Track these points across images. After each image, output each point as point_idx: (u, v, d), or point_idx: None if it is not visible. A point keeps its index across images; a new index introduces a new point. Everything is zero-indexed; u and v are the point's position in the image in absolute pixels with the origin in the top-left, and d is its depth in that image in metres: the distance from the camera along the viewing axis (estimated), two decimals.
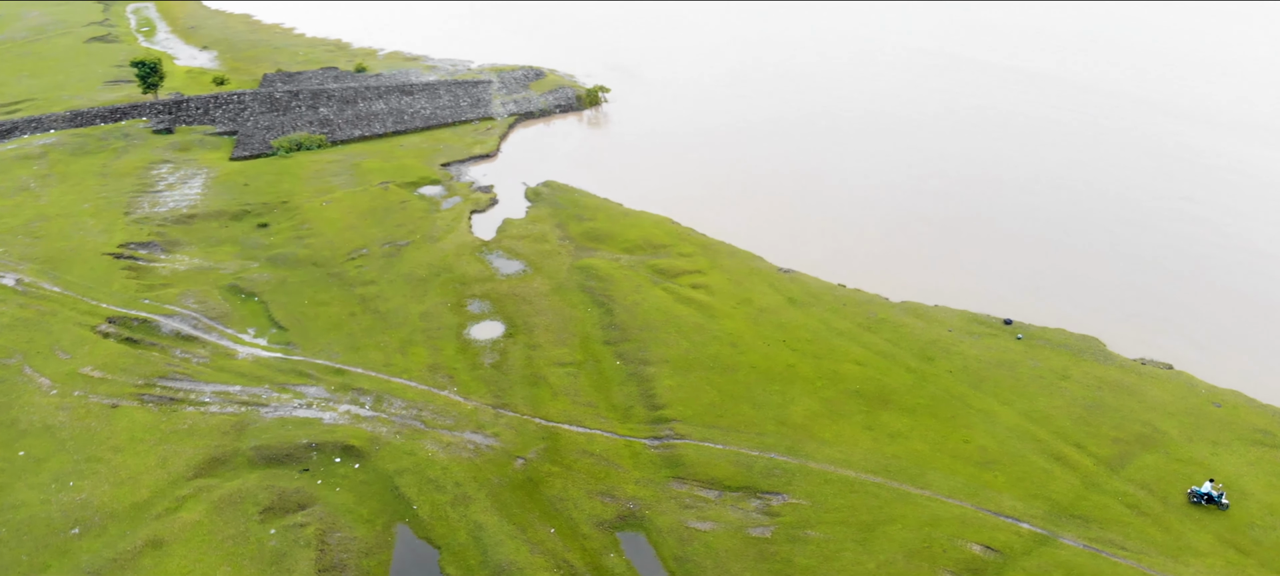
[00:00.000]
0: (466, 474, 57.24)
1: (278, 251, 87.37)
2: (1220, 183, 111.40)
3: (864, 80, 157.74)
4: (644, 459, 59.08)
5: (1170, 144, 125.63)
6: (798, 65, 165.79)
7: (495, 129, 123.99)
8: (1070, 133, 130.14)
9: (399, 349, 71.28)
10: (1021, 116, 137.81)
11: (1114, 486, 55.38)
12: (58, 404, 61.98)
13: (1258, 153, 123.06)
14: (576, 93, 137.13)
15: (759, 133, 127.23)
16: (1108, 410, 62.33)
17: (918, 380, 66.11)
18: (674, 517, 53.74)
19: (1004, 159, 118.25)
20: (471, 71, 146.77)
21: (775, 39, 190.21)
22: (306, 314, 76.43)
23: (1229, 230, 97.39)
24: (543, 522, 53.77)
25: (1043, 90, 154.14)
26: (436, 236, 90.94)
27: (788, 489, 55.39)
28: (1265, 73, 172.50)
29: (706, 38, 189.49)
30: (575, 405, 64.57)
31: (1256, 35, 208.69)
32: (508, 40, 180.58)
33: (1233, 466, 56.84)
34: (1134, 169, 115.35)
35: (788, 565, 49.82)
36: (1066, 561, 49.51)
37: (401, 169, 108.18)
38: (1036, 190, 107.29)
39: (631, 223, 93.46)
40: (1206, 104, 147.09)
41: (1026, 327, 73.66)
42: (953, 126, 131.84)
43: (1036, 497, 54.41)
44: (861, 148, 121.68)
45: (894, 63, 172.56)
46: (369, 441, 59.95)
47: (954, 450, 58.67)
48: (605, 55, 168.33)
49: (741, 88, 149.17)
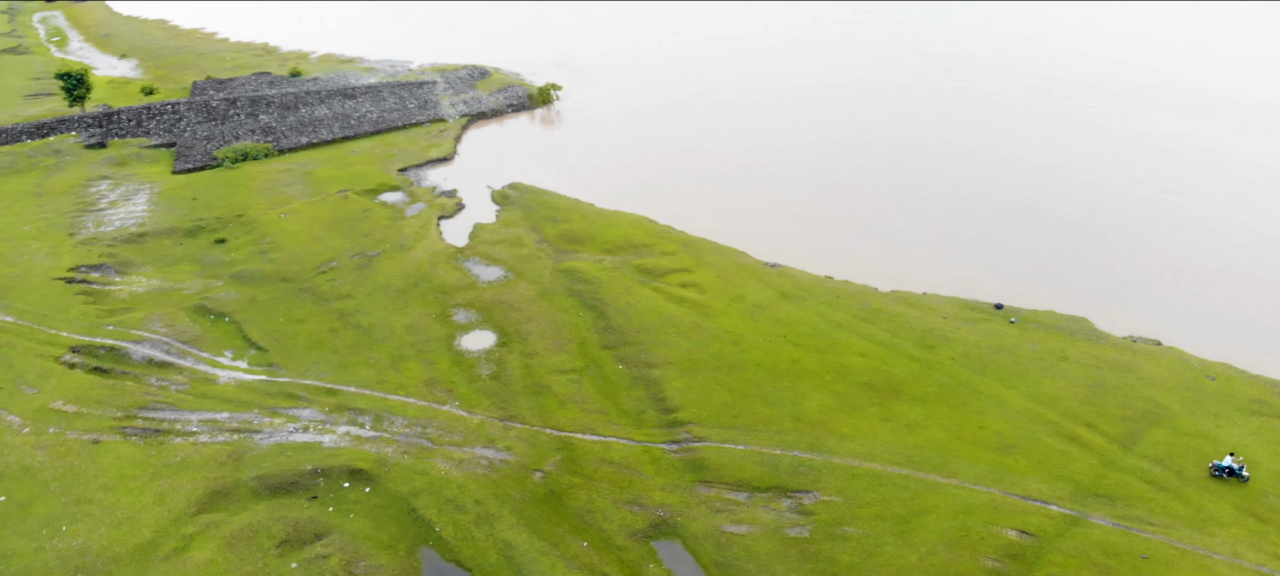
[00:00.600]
0: (485, 491, 55.23)
1: (241, 268, 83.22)
2: (1174, 163, 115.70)
3: (814, 71, 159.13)
4: (665, 464, 57.98)
5: (1118, 126, 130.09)
6: (743, 59, 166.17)
7: (449, 131, 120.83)
8: (1026, 116, 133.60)
9: (390, 364, 68.54)
10: (974, 100, 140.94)
11: (1130, 463, 56.58)
12: (33, 442, 57.61)
13: (1200, 131, 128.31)
14: (527, 91, 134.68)
15: (716, 126, 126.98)
16: (1110, 389, 63.74)
17: (923, 369, 66.55)
18: (707, 522, 52.80)
19: (966, 144, 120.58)
20: (413, 72, 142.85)
21: (718, 35, 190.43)
22: (284, 333, 72.91)
23: (1186, 208, 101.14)
24: (574, 537, 52.19)
25: (997, 78, 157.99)
26: (407, 245, 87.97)
27: (817, 486, 55.00)
28: (1199, 55, 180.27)
29: (648, 34, 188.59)
30: (585, 413, 63.04)
31: (1209, 23, 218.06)
32: (443, 39, 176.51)
33: (1237, 437, 58.70)
34: (1095, 154, 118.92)
35: (831, 564, 49.39)
36: (1100, 541, 50.29)
37: (357, 176, 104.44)
38: (999, 176, 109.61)
39: (608, 223, 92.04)
40: (1152, 87, 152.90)
41: (1017, 311, 74.98)
42: (914, 114, 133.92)
43: (1059, 479, 55.20)
44: (820, 137, 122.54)
45: (837, 51, 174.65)
46: (376, 463, 57.35)
47: (971, 437, 59.16)
48: (548, 53, 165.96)
49: (691, 82, 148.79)
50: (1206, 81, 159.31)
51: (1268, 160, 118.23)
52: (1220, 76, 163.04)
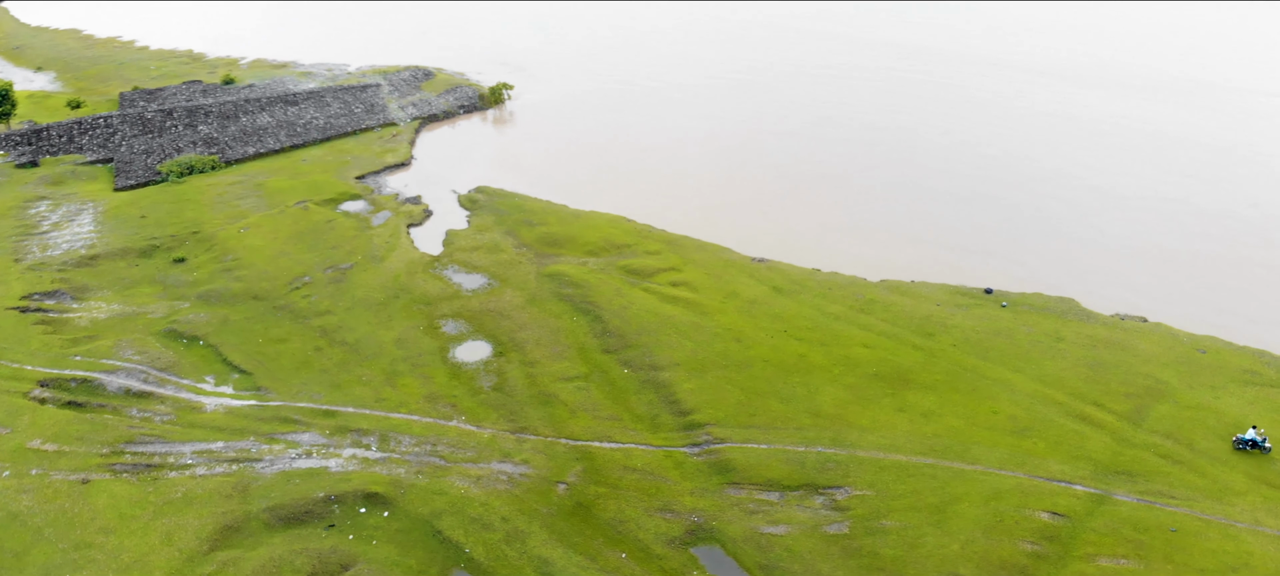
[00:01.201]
0: (510, 507, 53.51)
1: (206, 288, 79.16)
2: (1117, 144, 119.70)
3: (763, 61, 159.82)
4: (690, 468, 57.12)
5: (1058, 109, 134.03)
6: (691, 51, 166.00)
7: (401, 135, 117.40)
8: (970, 104, 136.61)
9: (385, 381, 66.02)
10: (924, 89, 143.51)
11: (1142, 439, 58.04)
12: (16, 487, 53.51)
13: (1139, 112, 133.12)
14: (478, 91, 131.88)
15: (674, 117, 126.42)
16: (1110, 367, 65.34)
17: (927, 357, 67.15)
18: (744, 525, 52.15)
19: (918, 130, 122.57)
20: (354, 75, 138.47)
21: (658, 27, 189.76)
22: (266, 354, 69.56)
23: (1137, 188, 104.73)
24: (611, 548, 50.95)
25: (944, 67, 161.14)
26: (379, 255, 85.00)
27: (847, 481, 54.88)
28: (1148, 42, 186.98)
29: (588, 30, 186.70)
30: (598, 420, 61.73)
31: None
32: (376, 41, 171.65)
33: (1236, 407, 60.78)
34: (1041, 139, 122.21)
35: (875, 558, 49.29)
36: (1128, 517, 51.38)
37: (314, 186, 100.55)
38: (954, 163, 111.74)
39: (586, 224, 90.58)
40: (1092, 72, 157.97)
41: (1006, 295, 76.37)
42: (868, 103, 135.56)
43: (1078, 459, 56.24)
44: (779, 127, 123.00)
45: (783, 42, 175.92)
46: (391, 486, 55.04)
47: (987, 422, 59.87)
48: (489, 51, 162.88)
49: (642, 75, 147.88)
50: (1151, 65, 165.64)
51: (1211, 139, 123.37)
52: (1170, 61, 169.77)
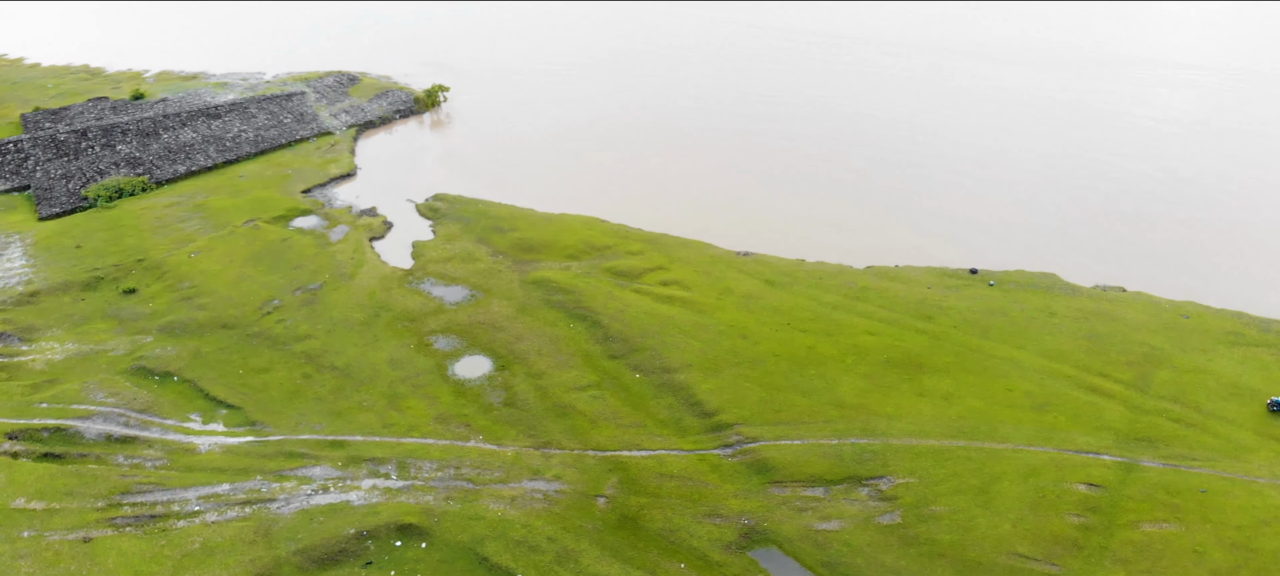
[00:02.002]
0: (553, 526, 51.68)
1: (168, 320, 73.89)
2: (1049, 117, 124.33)
3: (697, 51, 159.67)
4: (727, 470, 56.37)
5: (985, 84, 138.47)
6: (615, 46, 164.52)
7: (340, 144, 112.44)
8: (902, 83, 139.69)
9: (388, 405, 62.91)
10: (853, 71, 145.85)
11: (1152, 405, 60.26)
12: (10, 552, 48.58)
13: (1068, 86, 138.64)
14: (412, 95, 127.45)
15: (619, 115, 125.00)
16: (1106, 338, 67.65)
17: (932, 341, 68.13)
18: (796, 524, 51.74)
19: (868, 110, 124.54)
20: (274, 84, 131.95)
21: (577, 26, 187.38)
22: (251, 386, 65.36)
23: (1076, 156, 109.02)
24: (667, 560, 49.76)
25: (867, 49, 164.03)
26: (348, 273, 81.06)
27: (887, 470, 55.10)
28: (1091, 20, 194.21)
29: (509, 28, 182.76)
30: (621, 429, 60.30)
31: None
32: (289, 46, 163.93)
33: (1229, 368, 63.78)
34: (991, 116, 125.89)
35: (933, 545, 49.62)
36: (1158, 482, 53.24)
37: (259, 203, 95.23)
38: (901, 142, 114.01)
39: (560, 227, 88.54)
40: (1024, 50, 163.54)
41: (990, 274, 78.21)
42: (809, 88, 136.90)
43: (1099, 430, 57.97)
44: (729, 116, 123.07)
45: (705, 33, 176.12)
46: (423, 515, 52.41)
47: (1005, 400, 61.11)
48: (410, 53, 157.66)
49: (577, 72, 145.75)
50: (1068, 42, 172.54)
51: (1154, 111, 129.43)
52: (1103, 37, 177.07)
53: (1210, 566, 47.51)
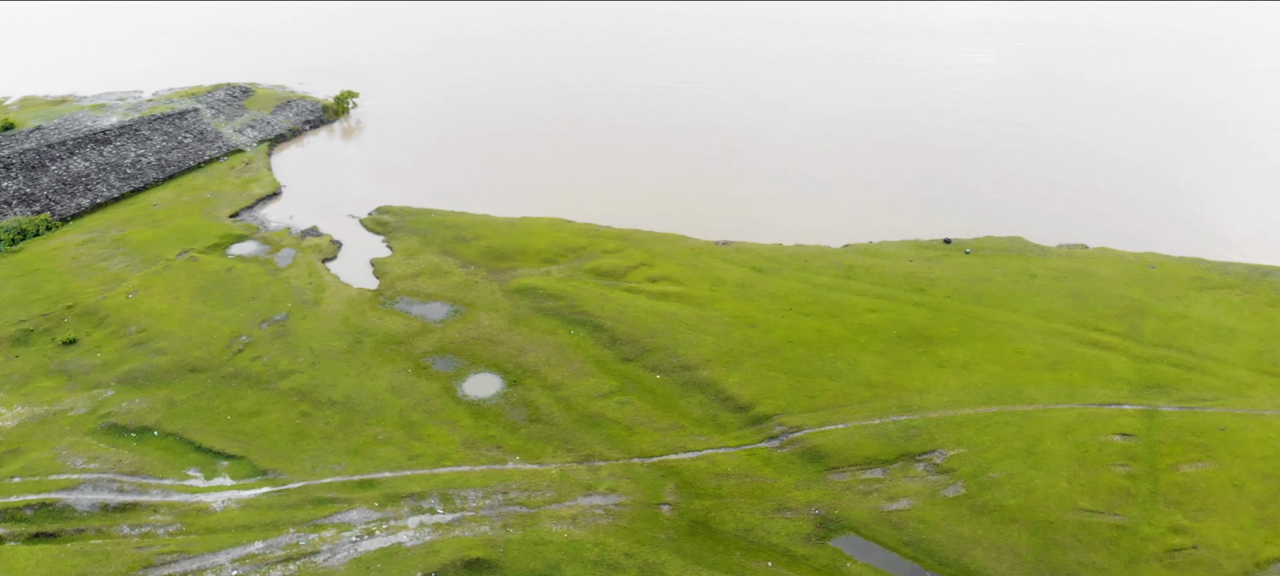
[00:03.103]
0: (626, 540, 50.14)
1: (124, 369, 67.12)
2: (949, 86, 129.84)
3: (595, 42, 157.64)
4: (780, 463, 56.13)
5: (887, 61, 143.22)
6: (513, 41, 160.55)
7: (254, 162, 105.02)
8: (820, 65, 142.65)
9: (407, 435, 59.35)
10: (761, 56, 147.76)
11: (1151, 354, 64.00)
12: None
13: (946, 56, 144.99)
14: (320, 104, 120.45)
15: (545, 111, 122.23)
16: (1088, 294, 71.31)
17: (932, 312, 69.98)
18: (866, 508, 52.11)
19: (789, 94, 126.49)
20: (158, 101, 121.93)
21: (467, 22, 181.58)
22: (246, 431, 60.24)
23: (986, 123, 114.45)
24: (752, 560, 49.12)
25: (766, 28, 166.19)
26: (311, 299, 75.93)
27: (935, 443, 56.25)
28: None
29: (399, 28, 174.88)
30: (660, 432, 59.08)
31: None
32: (162, 59, 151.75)
33: (1206, 311, 68.47)
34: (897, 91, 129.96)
35: (1003, 511, 51.02)
36: (1181, 424, 56.65)
37: (185, 233, 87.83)
38: (837, 121, 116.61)
39: (526, 231, 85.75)
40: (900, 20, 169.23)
41: (964, 242, 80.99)
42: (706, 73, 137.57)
43: (1113, 382, 61.10)
44: (655, 103, 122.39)
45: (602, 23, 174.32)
46: (487, 547, 49.76)
47: (1019, 363, 63.48)
48: (293, 58, 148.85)
49: (478, 68, 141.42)
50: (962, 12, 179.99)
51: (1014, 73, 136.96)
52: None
53: (1252, 498, 50.87)
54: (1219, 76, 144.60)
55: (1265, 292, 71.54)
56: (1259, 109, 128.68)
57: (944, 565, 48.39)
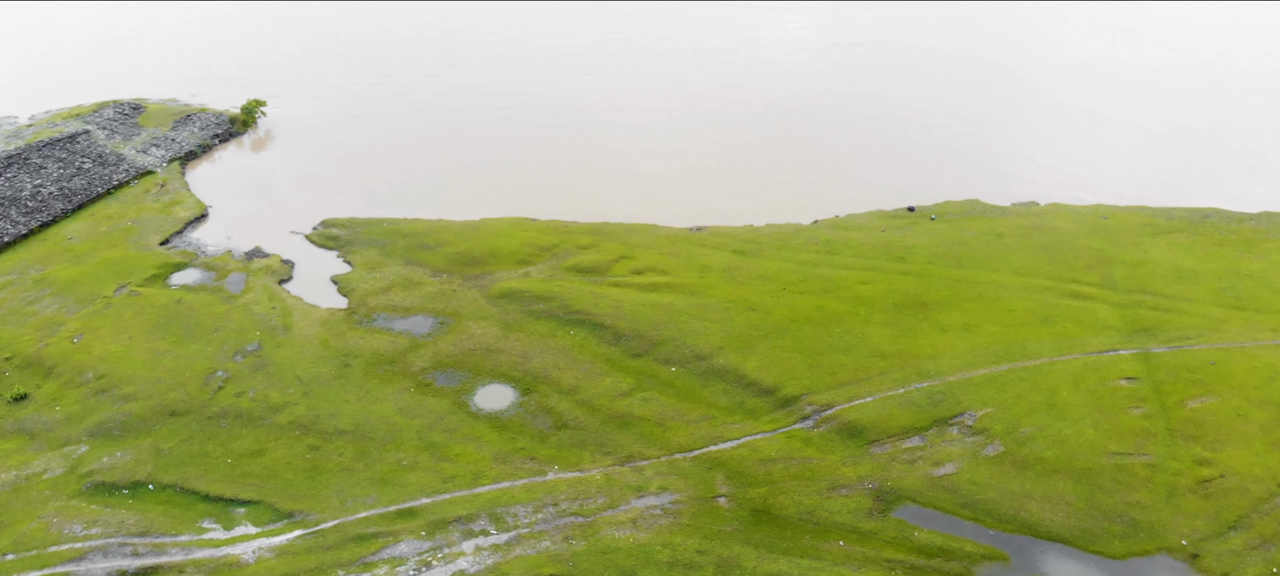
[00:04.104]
0: (694, 538, 49.79)
1: (92, 421, 61.31)
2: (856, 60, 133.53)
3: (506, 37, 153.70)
4: (820, 442, 56.79)
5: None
6: (399, 44, 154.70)
7: (170, 184, 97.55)
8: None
9: (434, 457, 56.84)
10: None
11: (1128, 300, 68.09)
12: None
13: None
14: (226, 116, 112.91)
15: (471, 108, 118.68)
16: (1057, 249, 75.12)
17: (920, 279, 72.14)
18: (917, 476, 53.43)
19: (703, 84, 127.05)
20: (41, 126, 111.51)
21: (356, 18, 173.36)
22: (253, 473, 56.25)
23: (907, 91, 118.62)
24: (822, 542, 49.63)
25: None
26: (280, 325, 71.41)
27: (963, 405, 58.16)
28: None
29: (282, 28, 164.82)
30: (693, 425, 58.73)
31: None
32: (24, 79, 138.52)
33: (1164, 254, 73.34)
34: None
35: (1043, 463, 53.34)
36: (1174, 363, 60.71)
37: (115, 266, 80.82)
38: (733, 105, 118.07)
39: (491, 233, 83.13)
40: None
41: (927, 208, 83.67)
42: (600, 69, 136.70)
43: (1104, 330, 64.72)
44: (566, 94, 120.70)
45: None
46: (556, 563, 48.40)
47: (1015, 321, 66.31)
48: (175, 66, 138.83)
49: (384, 72, 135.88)
50: None
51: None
52: None
53: (1258, 425, 55.02)
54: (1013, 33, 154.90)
55: (1209, 233, 77.26)
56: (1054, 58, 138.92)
57: (1004, 522, 50.18)
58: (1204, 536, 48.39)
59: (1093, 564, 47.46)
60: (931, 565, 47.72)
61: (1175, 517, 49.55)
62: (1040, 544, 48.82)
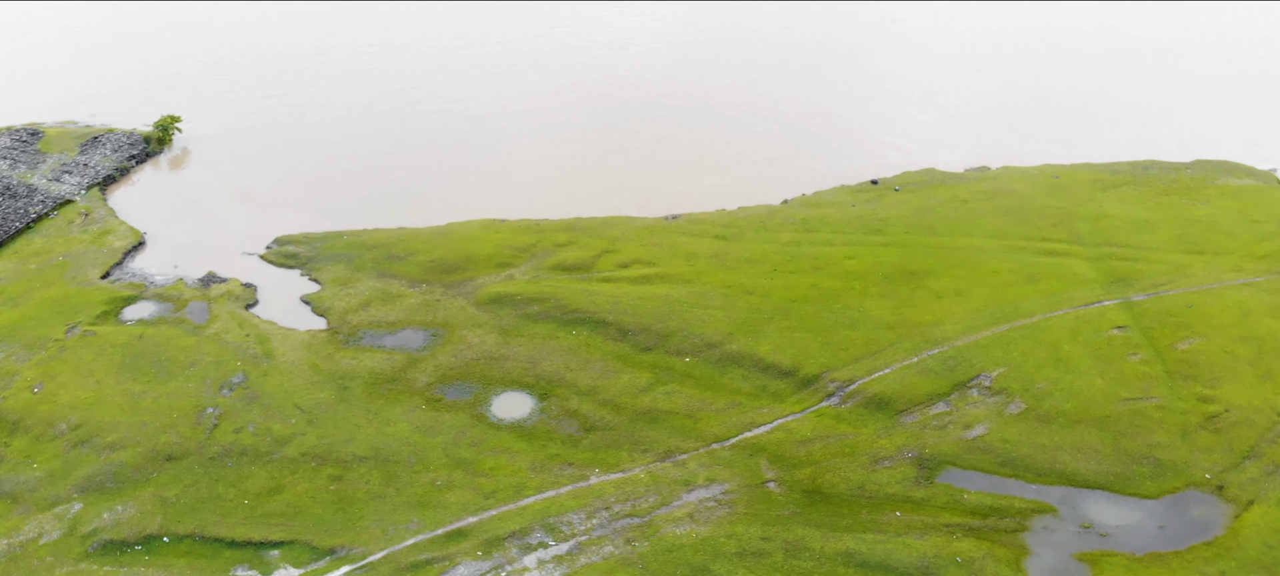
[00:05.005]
0: (757, 525, 50.24)
1: (79, 476, 56.61)
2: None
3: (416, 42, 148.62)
4: (851, 418, 57.99)
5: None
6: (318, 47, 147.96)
7: (95, 212, 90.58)
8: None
9: (468, 473, 55.21)
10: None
11: (1097, 253, 72.09)
12: None
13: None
14: (140, 135, 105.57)
15: (391, 111, 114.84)
16: (1021, 210, 78.66)
17: (902, 250, 74.29)
18: (951, 440, 55.27)
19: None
20: None
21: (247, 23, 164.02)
22: (275, 512, 53.30)
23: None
24: (879, 514, 50.86)
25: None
26: (261, 352, 67.69)
27: (977, 368, 60.44)
28: None
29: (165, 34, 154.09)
30: (722, 414, 59.02)
31: None
32: None
33: (1117, 206, 77.89)
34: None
35: (1065, 415, 56.08)
36: (1157, 309, 64.76)
37: (58, 305, 74.63)
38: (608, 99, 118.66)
39: (461, 237, 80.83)
40: None
41: (889, 181, 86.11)
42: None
43: (1085, 284, 68.31)
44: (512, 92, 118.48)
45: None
46: (626, 566, 48.00)
47: (1000, 282, 69.19)
48: (64, 88, 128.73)
49: (302, 78, 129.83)
50: None
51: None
52: None
53: (1244, 359, 59.32)
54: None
55: (1153, 184, 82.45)
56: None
57: (1043, 475, 52.50)
58: (1223, 468, 51.87)
59: (1132, 505, 50.18)
60: (987, 525, 49.48)
61: (1194, 453, 52.88)
62: (1080, 492, 51.27)
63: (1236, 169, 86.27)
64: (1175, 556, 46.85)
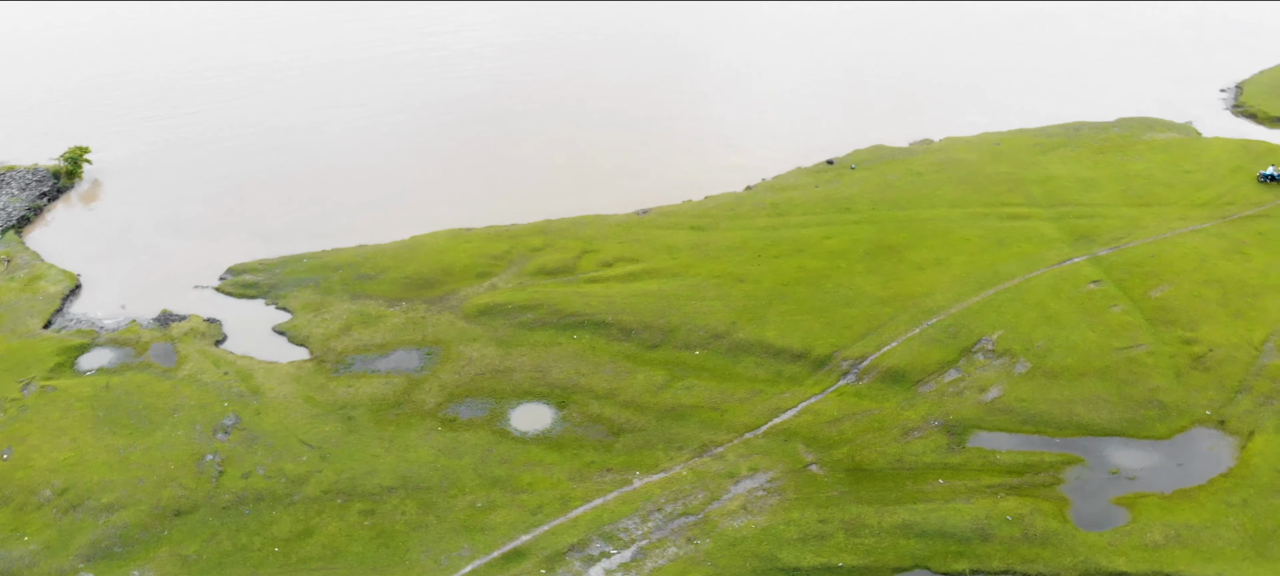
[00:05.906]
0: (810, 509, 51.33)
1: (82, 544, 52.23)
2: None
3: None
4: (871, 394, 59.67)
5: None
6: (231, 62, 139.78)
7: (19, 258, 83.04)
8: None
9: (508, 491, 54.03)
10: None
11: (1056, 213, 76.31)
12: None
13: None
14: (47, 171, 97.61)
15: (309, 124, 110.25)
16: (977, 178, 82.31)
17: (875, 226, 76.62)
18: (970, 405, 57.72)
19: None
20: None
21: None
22: (313, 555, 50.81)
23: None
24: (921, 483, 52.77)
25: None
26: (248, 391, 64.08)
27: (979, 332, 63.19)
28: None
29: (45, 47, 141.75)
30: (746, 403, 59.73)
31: None
32: None
33: (1062, 168, 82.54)
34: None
35: (1068, 369, 59.46)
36: (1123, 261, 69.31)
37: (4, 361, 67.65)
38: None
39: (431, 251, 78.42)
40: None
41: (843, 160, 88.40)
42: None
43: (1053, 243, 72.25)
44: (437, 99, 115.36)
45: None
46: (696, 564, 48.28)
47: (974, 249, 72.37)
48: None
49: (201, 101, 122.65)
50: None
51: None
52: None
53: (1212, 301, 64.13)
54: None
55: (1088, 144, 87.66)
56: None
57: (1063, 429, 55.46)
58: (1220, 404, 56.05)
59: (1149, 448, 53.65)
60: (1025, 481, 51.96)
61: (1190, 393, 56.90)
62: (1100, 441, 54.44)
63: (1157, 124, 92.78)
64: (1199, 490, 50.31)
